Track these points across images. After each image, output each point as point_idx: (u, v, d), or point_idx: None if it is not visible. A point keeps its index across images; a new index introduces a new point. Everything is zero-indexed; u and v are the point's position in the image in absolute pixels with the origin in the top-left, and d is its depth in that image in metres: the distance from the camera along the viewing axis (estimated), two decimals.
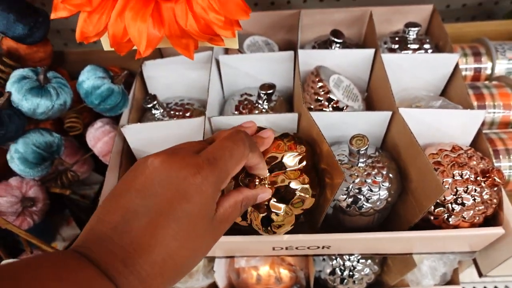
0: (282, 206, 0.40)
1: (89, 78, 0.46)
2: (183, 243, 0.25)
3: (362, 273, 0.51)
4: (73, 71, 0.60)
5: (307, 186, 0.39)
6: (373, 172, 0.42)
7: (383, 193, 0.41)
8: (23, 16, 0.40)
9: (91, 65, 0.47)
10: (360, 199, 0.42)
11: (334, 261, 0.51)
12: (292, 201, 0.39)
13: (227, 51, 0.58)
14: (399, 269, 0.51)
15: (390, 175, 0.42)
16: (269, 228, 0.40)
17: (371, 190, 0.41)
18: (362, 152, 0.41)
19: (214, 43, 0.37)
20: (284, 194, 0.39)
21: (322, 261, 0.52)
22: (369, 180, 0.42)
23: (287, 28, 0.60)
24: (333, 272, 0.52)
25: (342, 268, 0.51)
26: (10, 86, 0.43)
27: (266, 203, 0.39)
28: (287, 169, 0.40)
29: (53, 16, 0.35)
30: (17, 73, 0.44)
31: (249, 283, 0.53)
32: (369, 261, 0.51)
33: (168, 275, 0.25)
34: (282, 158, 0.41)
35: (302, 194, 0.39)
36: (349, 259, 0.51)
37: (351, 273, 0.51)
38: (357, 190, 0.42)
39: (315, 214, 0.45)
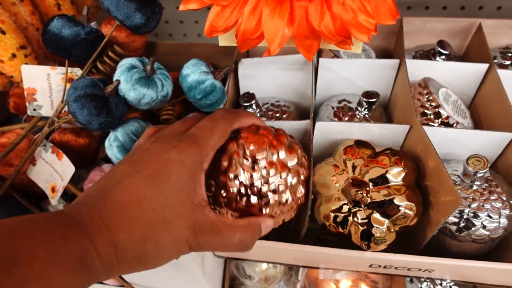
0: (385, 221, 0.38)
1: (194, 73, 0.45)
2: (151, 195, 0.27)
3: None
4: (161, 63, 0.60)
5: (411, 203, 0.38)
6: (492, 197, 0.39)
7: (503, 221, 0.38)
8: (142, 6, 0.40)
9: (195, 59, 0.46)
10: (476, 225, 0.39)
11: (424, 284, 0.48)
12: (395, 217, 0.38)
13: (320, 54, 0.56)
14: None
15: (511, 201, 0.39)
16: (367, 242, 0.38)
17: (490, 217, 0.38)
18: (480, 174, 0.39)
19: (342, 46, 0.35)
20: (387, 209, 0.38)
21: (409, 283, 0.49)
22: (487, 206, 0.39)
23: (384, 34, 0.58)
24: None
25: None
26: (119, 75, 0.43)
27: (367, 217, 0.38)
28: (390, 184, 0.39)
29: (181, 8, 0.35)
30: (126, 62, 0.43)
31: None
32: None
33: (135, 234, 0.26)
34: (386, 172, 0.39)
35: (407, 211, 0.38)
36: (440, 284, 0.48)
37: None
38: (472, 215, 0.39)
39: (416, 234, 0.42)
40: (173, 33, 0.76)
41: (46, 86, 0.46)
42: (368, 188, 0.39)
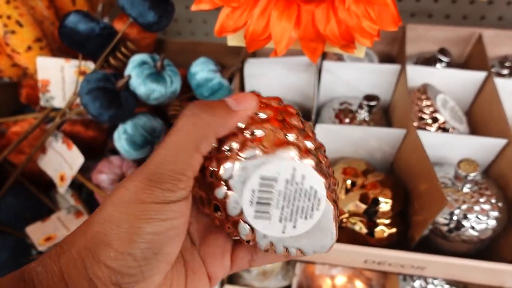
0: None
1: (203, 70, 0.47)
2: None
3: None
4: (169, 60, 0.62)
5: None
6: (481, 200, 0.41)
7: (491, 223, 0.40)
8: (156, 4, 0.42)
9: (204, 57, 0.48)
10: (465, 226, 0.40)
11: (416, 282, 0.50)
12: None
13: (325, 56, 0.58)
14: None
15: (499, 204, 0.41)
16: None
17: (478, 218, 0.40)
18: (470, 178, 0.40)
19: (346, 50, 0.37)
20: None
21: (402, 281, 0.51)
22: (477, 208, 0.40)
23: (388, 40, 0.60)
24: None
25: None
26: (130, 70, 0.45)
27: None
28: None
29: (194, 8, 0.36)
30: (137, 58, 0.45)
31: None
32: (453, 287, 0.50)
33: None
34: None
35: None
36: (432, 283, 0.49)
37: None
38: (462, 216, 0.41)
39: (407, 235, 0.44)
40: (181, 31, 0.78)
41: (59, 78, 0.48)
42: None
